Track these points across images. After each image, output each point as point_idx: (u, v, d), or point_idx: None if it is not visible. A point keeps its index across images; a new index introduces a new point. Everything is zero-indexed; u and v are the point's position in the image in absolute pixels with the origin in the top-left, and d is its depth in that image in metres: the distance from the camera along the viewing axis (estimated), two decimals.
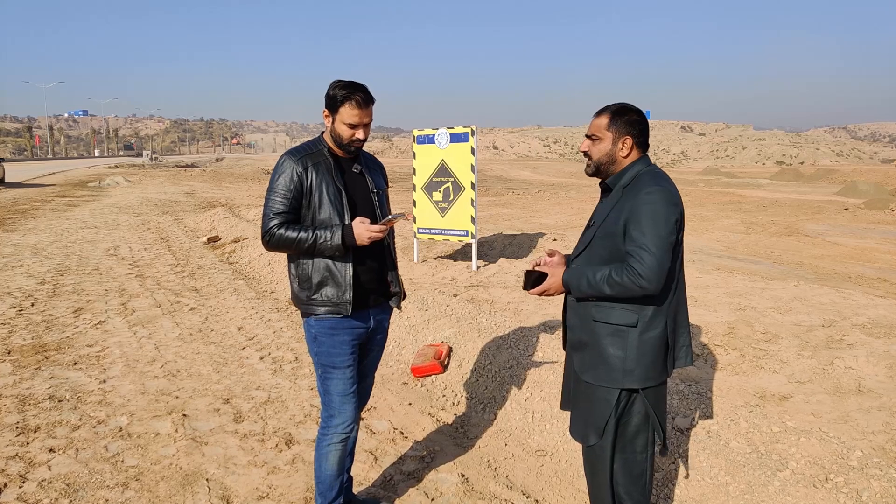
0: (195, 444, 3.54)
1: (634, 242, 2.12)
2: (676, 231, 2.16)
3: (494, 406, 4.03)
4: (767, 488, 2.81)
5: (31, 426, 3.71)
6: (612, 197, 2.29)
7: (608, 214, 2.25)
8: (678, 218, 2.16)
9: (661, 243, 2.10)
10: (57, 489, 3.04)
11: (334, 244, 2.40)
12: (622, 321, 2.21)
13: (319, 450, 2.63)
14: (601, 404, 2.29)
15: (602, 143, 2.30)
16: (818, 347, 4.37)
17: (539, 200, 21.15)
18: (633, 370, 2.22)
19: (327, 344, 2.53)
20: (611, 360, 2.24)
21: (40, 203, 17.69)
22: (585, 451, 2.42)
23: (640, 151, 2.31)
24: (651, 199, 2.13)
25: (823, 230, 13.56)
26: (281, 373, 4.69)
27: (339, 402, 2.57)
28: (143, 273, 8.27)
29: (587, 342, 2.31)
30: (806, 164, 58.86)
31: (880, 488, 2.68)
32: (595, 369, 2.29)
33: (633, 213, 2.14)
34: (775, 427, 3.18)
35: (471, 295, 6.35)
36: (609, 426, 2.29)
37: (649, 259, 2.08)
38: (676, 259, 2.23)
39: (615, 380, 2.24)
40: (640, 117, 2.30)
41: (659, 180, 2.20)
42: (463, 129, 7.71)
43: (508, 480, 3.25)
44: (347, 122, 2.44)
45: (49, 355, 4.96)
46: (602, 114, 2.31)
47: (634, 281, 2.09)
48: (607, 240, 2.23)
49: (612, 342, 2.24)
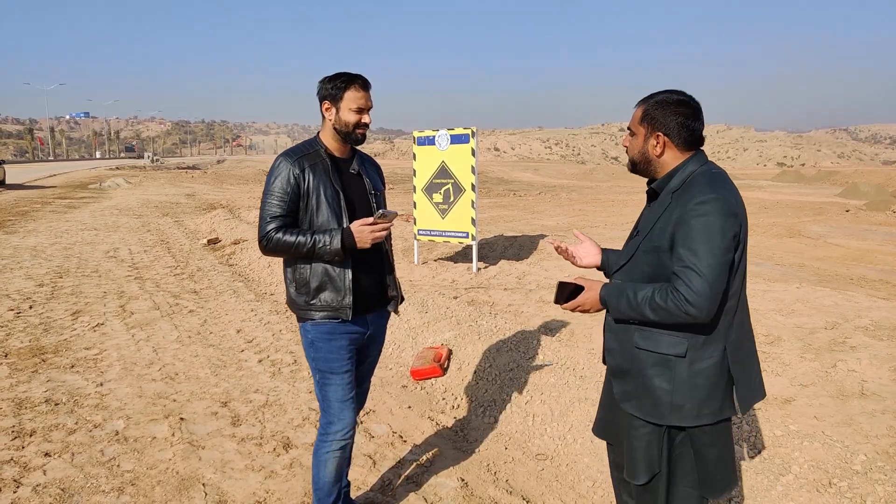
0: (192, 448, 3.51)
1: (682, 262, 1.82)
2: (735, 247, 1.85)
3: (494, 409, 3.99)
4: (770, 493, 2.78)
5: (27, 430, 3.68)
6: (660, 203, 1.98)
7: (654, 224, 1.95)
8: (737, 232, 1.84)
9: (714, 263, 1.79)
10: (52, 494, 3.01)
11: (333, 248, 2.35)
12: (669, 350, 1.93)
13: (318, 456, 2.59)
14: (646, 441, 2.02)
15: (636, 139, 2.03)
16: (821, 350, 4.34)
17: (540, 202, 21.13)
18: (683, 406, 1.92)
19: (325, 349, 2.49)
20: (657, 392, 1.95)
21: (41, 205, 17.68)
22: (636, 489, 2.13)
23: (684, 150, 1.98)
24: (704, 210, 1.81)
25: (825, 232, 13.52)
26: (279, 376, 4.66)
27: (338, 408, 2.53)
28: (142, 275, 8.25)
29: (629, 370, 2.03)
30: (807, 165, 58.79)
31: (885, 493, 2.65)
32: (638, 400, 2.01)
33: (683, 226, 1.84)
34: (778, 431, 3.14)
35: (471, 297, 6.32)
36: (661, 464, 2.03)
37: (699, 283, 1.78)
38: (735, 278, 1.90)
39: (661, 415, 1.96)
40: (684, 109, 1.95)
41: (716, 185, 1.87)
42: (463, 131, 7.69)
43: (508, 485, 3.22)
44: (354, 106, 2.41)
45: (46, 358, 4.93)
46: (639, 104, 2.03)
47: (680, 307, 1.80)
48: (652, 254, 1.94)
49: (657, 373, 1.95)
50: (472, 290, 6.69)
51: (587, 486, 3.18)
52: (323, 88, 2.45)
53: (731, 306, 1.92)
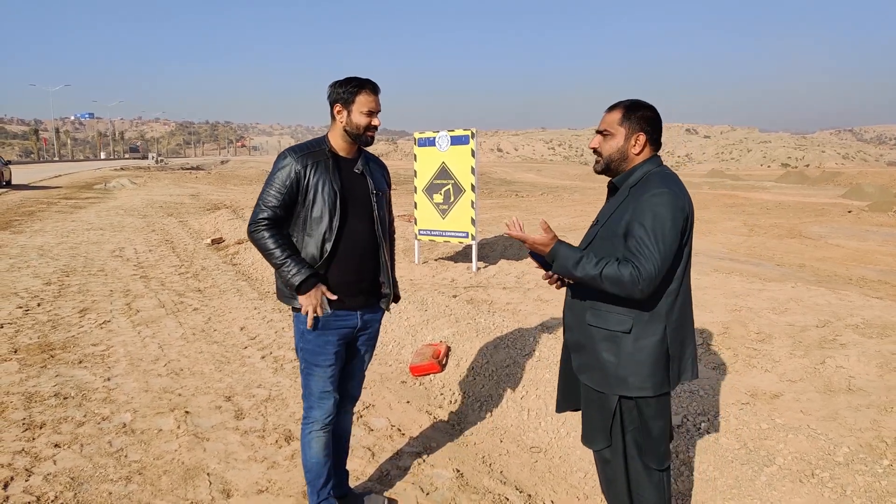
0: (197, 440, 3.62)
1: (636, 243, 2.02)
2: (681, 237, 2.06)
3: (491, 404, 4.09)
4: (754, 483, 2.87)
5: (37, 422, 3.80)
6: (619, 196, 2.19)
7: (612, 214, 2.17)
8: (684, 224, 2.06)
9: (662, 248, 2.00)
10: (62, 482, 3.13)
11: (292, 283, 2.46)
12: (616, 327, 2.14)
13: (303, 438, 2.69)
14: (600, 409, 2.24)
15: (614, 140, 2.19)
16: (811, 347, 4.42)
17: (542, 203, 21.21)
18: (626, 378, 2.14)
19: (313, 342, 2.59)
20: (606, 365, 2.17)
21: (46, 205, 17.85)
22: (596, 458, 2.35)
23: (652, 150, 2.20)
24: (658, 202, 2.03)
25: (826, 232, 13.57)
26: (282, 371, 4.77)
27: (318, 397, 2.65)
28: (147, 274, 8.37)
29: (584, 345, 2.26)
30: (811, 166, 58.74)
31: (864, 483, 2.74)
32: (590, 372, 2.23)
33: (638, 214, 2.04)
34: (764, 424, 3.24)
35: (470, 296, 6.42)
36: (615, 433, 2.22)
37: (647, 263, 1.99)
38: (680, 266, 2.12)
39: (609, 385, 2.18)
40: (655, 114, 2.19)
41: (668, 182, 2.09)
42: (463, 132, 7.79)
43: (502, 476, 3.32)
44: (365, 109, 2.52)
45: (55, 354, 5.06)
46: (615, 108, 2.20)
47: (633, 280, 1.99)
48: (609, 240, 2.15)
49: (605, 347, 2.17)
50: (471, 289, 6.80)
51: (579, 477, 3.28)
52: (334, 92, 2.55)
53: (673, 288, 2.13)
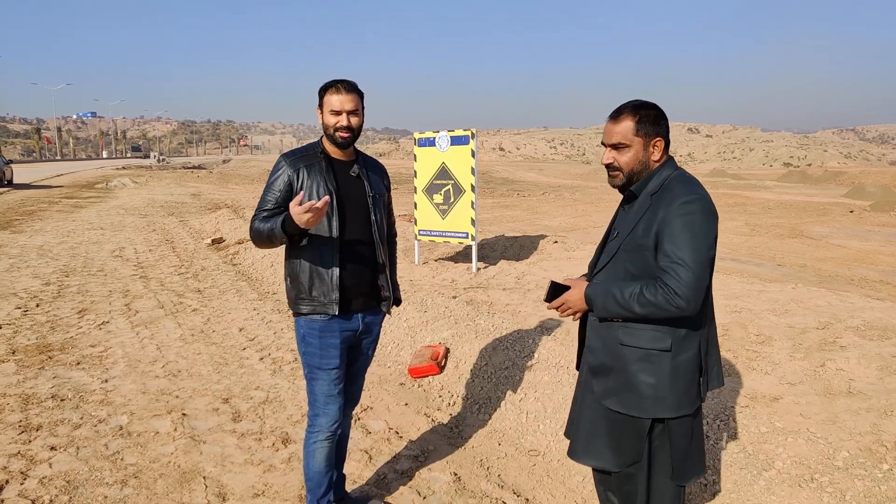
0: (193, 443, 3.61)
1: (670, 257, 1.90)
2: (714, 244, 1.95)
3: (489, 406, 4.08)
4: (753, 487, 2.85)
5: (33, 425, 3.79)
6: (640, 205, 2.06)
7: (636, 225, 2.02)
8: (717, 230, 1.96)
9: (700, 258, 1.88)
10: (57, 486, 3.11)
11: (277, 231, 2.39)
12: (655, 345, 2.01)
13: (307, 447, 2.69)
14: (630, 434, 2.10)
15: (631, 151, 2.05)
16: (811, 349, 4.40)
17: (544, 202, 21.19)
18: (666, 398, 2.02)
19: (315, 346, 2.58)
20: (641, 387, 2.03)
21: (47, 204, 17.86)
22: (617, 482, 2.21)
23: (666, 153, 2.09)
24: (690, 210, 1.91)
25: (828, 232, 13.54)
26: (280, 373, 4.76)
27: (324, 403, 2.63)
28: (147, 274, 8.37)
29: (612, 367, 2.09)
30: (813, 166, 58.62)
31: (864, 488, 2.72)
32: (620, 396, 2.08)
33: (669, 225, 1.92)
34: (763, 427, 3.21)
35: (470, 297, 6.41)
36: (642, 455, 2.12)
37: (687, 276, 1.87)
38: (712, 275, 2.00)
39: (645, 409, 2.04)
40: (661, 111, 2.06)
41: (694, 187, 1.98)
42: (463, 132, 7.77)
43: (500, 479, 3.30)
44: (331, 108, 2.50)
45: (53, 355, 5.05)
46: (623, 117, 2.04)
47: (670, 300, 1.88)
48: (635, 254, 2.02)
49: (642, 368, 2.03)
50: (471, 290, 6.78)
51: (577, 480, 3.26)
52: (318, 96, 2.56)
53: (708, 300, 2.03)
